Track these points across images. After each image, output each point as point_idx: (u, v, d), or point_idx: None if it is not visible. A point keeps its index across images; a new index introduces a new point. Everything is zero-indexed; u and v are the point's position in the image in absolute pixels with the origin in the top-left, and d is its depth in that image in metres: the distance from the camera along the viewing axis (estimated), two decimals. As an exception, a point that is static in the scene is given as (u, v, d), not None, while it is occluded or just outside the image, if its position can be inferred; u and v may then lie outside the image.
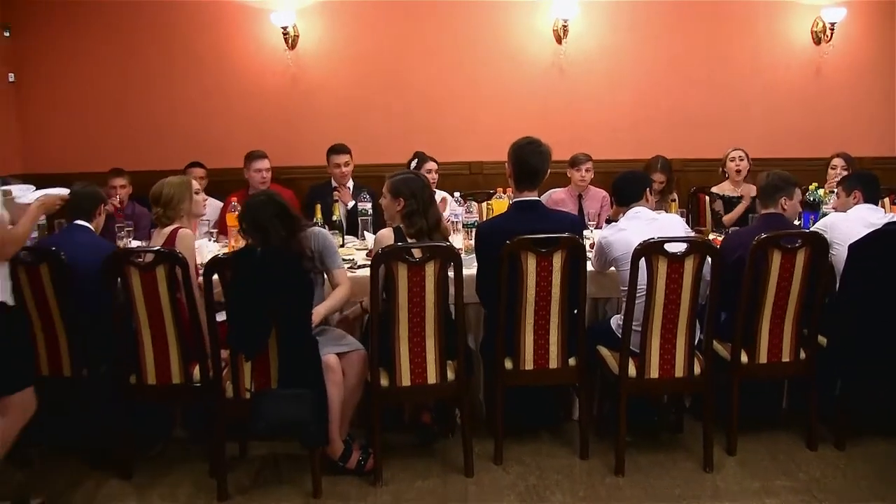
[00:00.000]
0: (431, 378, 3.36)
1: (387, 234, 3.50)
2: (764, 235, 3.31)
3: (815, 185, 4.67)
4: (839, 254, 3.59)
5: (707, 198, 5.53)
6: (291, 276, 3.16)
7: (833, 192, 4.75)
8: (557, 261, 3.31)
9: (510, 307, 3.35)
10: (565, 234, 3.30)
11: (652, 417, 3.90)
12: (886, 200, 4.99)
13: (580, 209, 5.36)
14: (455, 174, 5.91)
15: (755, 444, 3.66)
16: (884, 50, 6.20)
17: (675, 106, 6.15)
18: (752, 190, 5.28)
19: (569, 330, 3.43)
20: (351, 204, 5.07)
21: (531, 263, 3.29)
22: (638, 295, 3.31)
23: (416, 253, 3.23)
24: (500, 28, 6.03)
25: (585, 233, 4.81)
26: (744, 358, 3.48)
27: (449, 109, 6.09)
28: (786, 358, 3.50)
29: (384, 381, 3.35)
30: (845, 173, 5.16)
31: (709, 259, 3.25)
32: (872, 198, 3.87)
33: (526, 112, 6.03)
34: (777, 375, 3.70)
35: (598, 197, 5.47)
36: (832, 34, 6.03)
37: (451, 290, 3.28)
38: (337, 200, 4.91)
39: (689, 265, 3.23)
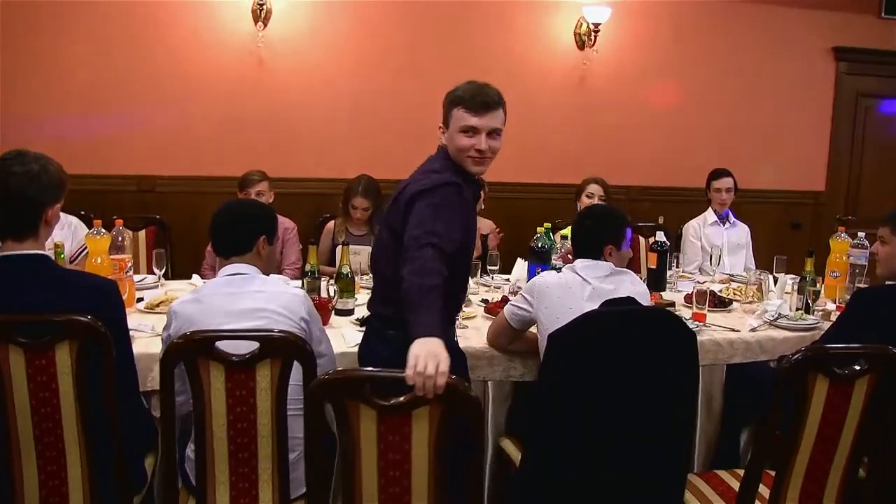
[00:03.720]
0: None
1: None
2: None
3: (547, 225, 3.48)
4: (543, 337, 2.40)
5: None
6: None
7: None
8: (64, 360, 1.88)
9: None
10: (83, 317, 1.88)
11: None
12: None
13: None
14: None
15: None
16: (652, 55, 5.25)
17: (407, 117, 4.84)
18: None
19: None
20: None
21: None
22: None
23: None
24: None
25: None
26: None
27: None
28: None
29: None
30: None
31: (297, 366, 1.92)
32: (593, 248, 2.59)
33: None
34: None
35: None
36: (596, 38, 5.00)
37: None
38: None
39: (263, 375, 1.88)
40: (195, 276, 3.66)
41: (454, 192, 2.13)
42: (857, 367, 1.90)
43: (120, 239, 3.15)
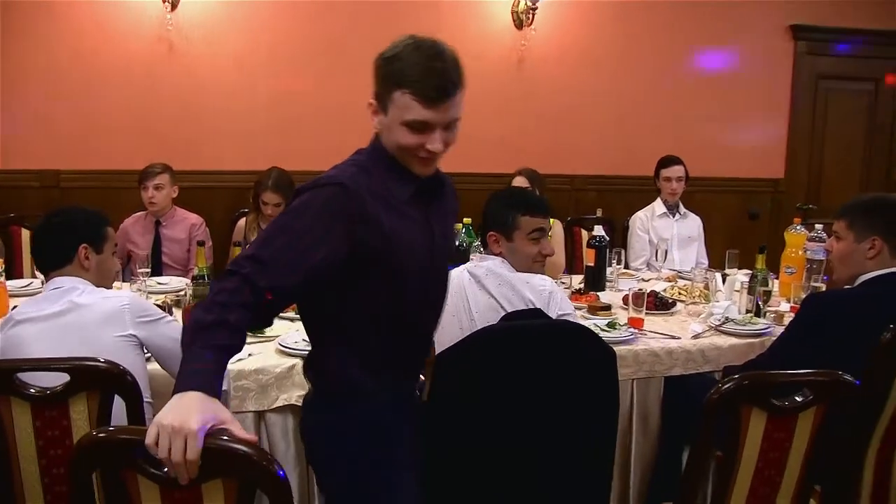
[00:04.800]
0: None
1: None
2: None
3: (467, 220, 3.11)
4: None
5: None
6: None
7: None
8: None
9: None
10: None
11: None
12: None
13: (157, 239, 3.82)
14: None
15: None
16: (596, 34, 4.89)
17: (329, 105, 4.49)
18: None
19: None
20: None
21: None
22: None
23: None
24: None
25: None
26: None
27: None
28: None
29: None
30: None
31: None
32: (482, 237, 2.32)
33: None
34: None
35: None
36: (534, 16, 4.63)
37: None
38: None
39: (78, 411, 1.51)
40: None
41: (328, 195, 1.44)
42: (800, 399, 1.53)
43: (-11, 240, 2.78)
